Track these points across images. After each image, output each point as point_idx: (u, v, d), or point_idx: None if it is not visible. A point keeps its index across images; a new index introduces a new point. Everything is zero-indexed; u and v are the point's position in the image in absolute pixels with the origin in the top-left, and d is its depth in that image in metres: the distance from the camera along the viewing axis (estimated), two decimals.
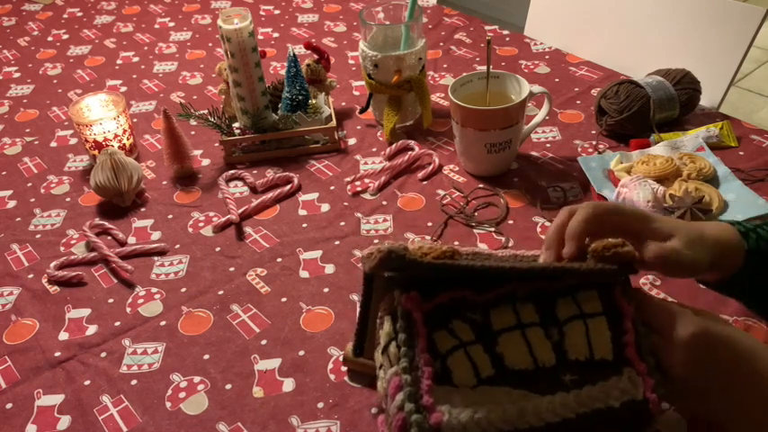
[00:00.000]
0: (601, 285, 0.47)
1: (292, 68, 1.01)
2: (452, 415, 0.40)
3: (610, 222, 0.51)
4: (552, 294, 0.47)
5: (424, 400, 0.40)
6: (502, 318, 0.46)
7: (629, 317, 0.45)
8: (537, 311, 0.46)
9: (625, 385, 0.43)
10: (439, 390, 0.42)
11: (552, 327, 0.46)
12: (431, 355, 0.43)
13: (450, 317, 0.45)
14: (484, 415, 0.40)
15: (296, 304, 0.78)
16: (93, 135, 1.01)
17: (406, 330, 0.44)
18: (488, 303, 0.46)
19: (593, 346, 0.45)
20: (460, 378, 0.43)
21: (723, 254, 0.53)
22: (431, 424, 0.39)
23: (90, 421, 0.67)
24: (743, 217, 0.80)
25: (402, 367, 0.42)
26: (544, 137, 1.03)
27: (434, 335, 0.44)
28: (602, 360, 0.44)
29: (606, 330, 0.45)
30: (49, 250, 0.90)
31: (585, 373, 0.44)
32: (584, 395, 0.42)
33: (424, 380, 0.41)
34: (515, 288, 0.47)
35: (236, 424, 0.66)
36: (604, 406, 0.42)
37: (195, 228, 0.92)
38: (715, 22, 1.07)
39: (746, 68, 2.62)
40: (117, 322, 0.78)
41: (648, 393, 0.42)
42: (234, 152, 1.04)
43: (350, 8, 1.51)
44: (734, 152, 0.95)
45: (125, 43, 1.44)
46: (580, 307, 0.46)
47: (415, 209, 0.91)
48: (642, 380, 0.43)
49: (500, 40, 1.31)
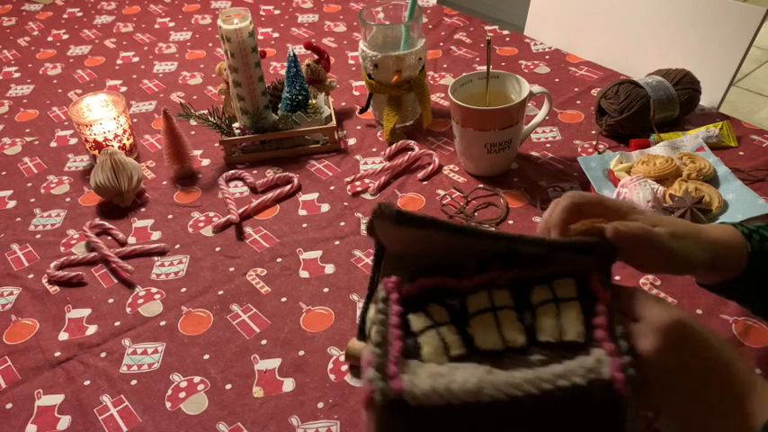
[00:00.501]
0: (579, 276, 0.47)
1: (292, 68, 1.01)
2: (414, 383, 0.41)
3: (591, 213, 0.51)
4: (530, 282, 0.48)
5: (389, 369, 0.41)
6: (477, 301, 0.47)
7: (604, 302, 0.45)
8: (512, 297, 0.47)
9: (591, 364, 0.42)
10: (407, 363, 0.43)
11: (526, 311, 0.47)
12: (404, 333, 0.45)
13: (430, 301, 0.47)
14: (444, 385, 0.41)
15: (296, 304, 0.78)
16: (93, 135, 1.01)
17: (383, 311, 0.46)
18: (467, 290, 0.48)
19: (564, 329, 0.45)
20: (429, 354, 0.44)
21: (724, 255, 0.52)
22: (393, 389, 0.40)
23: (90, 421, 0.67)
24: (743, 217, 0.80)
25: (375, 342, 0.44)
26: (544, 137, 1.03)
27: (410, 316, 0.46)
28: (572, 342, 0.44)
29: (578, 314, 0.45)
30: (49, 250, 0.90)
31: (554, 354, 0.44)
32: (548, 372, 0.42)
33: (393, 352, 0.43)
34: (495, 277, 0.48)
35: (236, 424, 0.66)
36: (569, 383, 0.41)
37: (195, 228, 0.92)
38: (715, 22, 1.07)
39: (746, 68, 2.62)
40: (117, 322, 0.78)
41: (615, 373, 0.41)
42: (234, 152, 1.04)
43: (350, 8, 1.51)
44: (734, 152, 0.95)
45: (125, 43, 1.44)
46: (555, 292, 0.47)
47: (415, 209, 0.91)
48: (610, 360, 0.42)
49: (500, 40, 1.31)
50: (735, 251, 0.53)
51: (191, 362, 0.73)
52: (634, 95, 0.97)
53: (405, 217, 0.46)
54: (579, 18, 1.28)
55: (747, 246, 0.53)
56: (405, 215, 0.46)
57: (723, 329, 0.70)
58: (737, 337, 0.69)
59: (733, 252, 0.53)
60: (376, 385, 0.40)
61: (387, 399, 0.40)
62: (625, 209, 0.51)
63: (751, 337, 0.68)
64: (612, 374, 0.41)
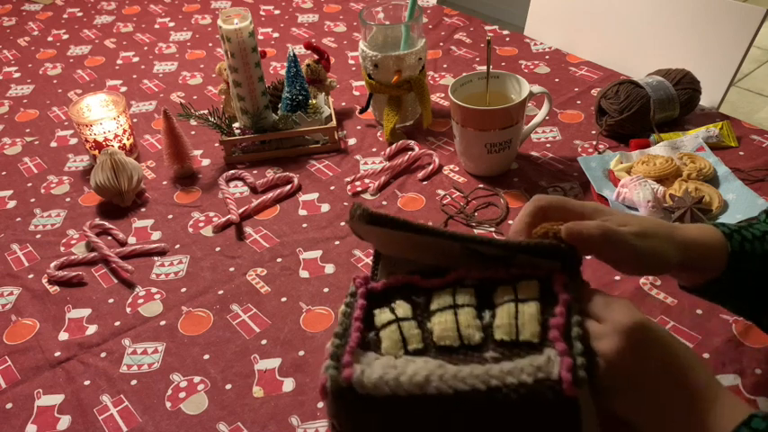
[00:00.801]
0: (544, 278, 0.48)
1: (292, 68, 1.01)
2: (364, 373, 0.42)
3: (554, 216, 0.50)
4: (495, 282, 0.48)
5: (344, 359, 0.43)
6: (440, 299, 0.48)
7: (563, 303, 0.45)
8: (476, 296, 0.48)
9: (540, 363, 0.42)
10: (363, 354, 0.44)
11: (487, 309, 0.47)
12: (366, 326, 0.46)
13: (396, 298, 0.48)
14: (393, 376, 0.42)
15: (296, 304, 0.78)
16: (93, 135, 1.01)
17: (350, 305, 0.48)
18: (434, 288, 0.49)
19: (520, 328, 0.45)
20: (388, 348, 0.45)
21: (702, 255, 0.51)
22: (343, 378, 0.42)
23: (90, 421, 0.67)
24: (743, 217, 0.80)
25: (335, 333, 0.45)
26: (544, 137, 1.03)
27: (375, 310, 0.47)
28: (527, 342, 0.44)
29: (536, 314, 0.45)
30: (49, 250, 0.90)
31: (508, 352, 0.44)
32: (498, 368, 0.42)
33: (350, 343, 0.44)
34: (463, 276, 0.49)
35: (236, 424, 0.66)
36: (516, 381, 0.41)
37: (195, 228, 0.92)
38: (715, 22, 1.07)
39: (746, 68, 2.62)
40: (117, 322, 0.78)
41: (564, 373, 0.41)
42: (234, 152, 1.04)
43: (350, 8, 1.51)
44: (734, 152, 0.95)
45: (125, 43, 1.44)
46: (517, 293, 0.47)
47: (415, 209, 0.91)
48: (560, 359, 0.42)
49: (500, 40, 1.31)
50: (714, 251, 0.52)
51: (191, 362, 0.73)
52: (634, 95, 0.97)
53: (373, 217, 0.47)
54: (579, 18, 1.28)
55: (728, 246, 0.52)
56: (372, 216, 0.47)
57: (723, 329, 0.70)
58: (737, 337, 0.69)
59: (712, 252, 0.52)
60: (329, 373, 0.42)
61: (336, 386, 0.42)
62: (589, 210, 0.51)
63: (751, 337, 0.68)
64: (561, 374, 0.41)
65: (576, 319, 0.45)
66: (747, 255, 0.52)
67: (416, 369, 0.42)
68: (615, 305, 0.45)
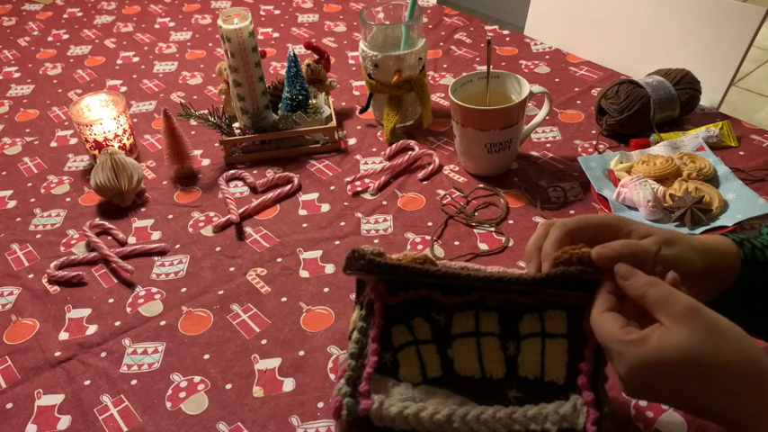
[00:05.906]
0: (572, 308, 0.46)
1: (292, 68, 1.01)
2: (383, 405, 0.41)
3: (582, 238, 0.50)
4: (521, 308, 0.46)
5: (361, 387, 0.41)
6: (462, 323, 0.45)
7: (592, 346, 0.44)
8: (500, 322, 0.46)
9: (567, 411, 0.41)
10: (381, 380, 0.42)
11: (511, 340, 0.45)
12: (383, 347, 0.44)
13: (414, 314, 0.46)
14: (413, 412, 0.40)
15: (296, 304, 0.78)
16: (93, 135, 1.01)
17: (365, 319, 0.45)
18: (455, 307, 0.46)
19: (546, 367, 0.44)
20: (406, 374, 0.43)
21: (719, 261, 0.52)
22: (360, 409, 0.40)
23: (90, 421, 0.67)
24: (743, 217, 0.80)
25: (350, 353, 0.43)
26: (544, 137, 1.03)
27: (393, 328, 0.45)
28: (552, 383, 0.43)
29: (563, 354, 0.44)
30: (50, 250, 0.90)
31: (531, 393, 0.43)
32: (521, 413, 0.41)
33: (367, 368, 0.42)
34: (485, 297, 0.46)
35: (236, 424, 0.66)
36: (540, 428, 0.40)
37: (195, 228, 0.92)
38: (715, 22, 1.07)
39: (746, 68, 2.62)
40: (117, 322, 0.78)
41: (589, 425, 0.40)
42: (234, 152, 1.04)
43: (350, 8, 1.51)
44: (734, 152, 0.95)
45: (125, 43, 1.44)
46: (544, 325, 0.45)
47: (415, 209, 0.91)
48: (587, 410, 0.41)
49: (500, 40, 1.31)
50: (729, 257, 0.53)
51: (191, 362, 0.73)
52: (634, 95, 0.97)
53: (376, 267, 0.44)
54: (579, 18, 1.28)
55: (740, 252, 0.53)
56: (376, 265, 0.44)
57: None
58: None
59: (727, 258, 0.53)
60: (345, 402, 0.41)
61: (353, 416, 0.40)
62: (614, 225, 0.50)
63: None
64: (586, 426, 0.40)
65: (604, 363, 0.43)
66: (759, 262, 0.53)
67: (437, 408, 0.41)
68: (613, 352, 0.43)
